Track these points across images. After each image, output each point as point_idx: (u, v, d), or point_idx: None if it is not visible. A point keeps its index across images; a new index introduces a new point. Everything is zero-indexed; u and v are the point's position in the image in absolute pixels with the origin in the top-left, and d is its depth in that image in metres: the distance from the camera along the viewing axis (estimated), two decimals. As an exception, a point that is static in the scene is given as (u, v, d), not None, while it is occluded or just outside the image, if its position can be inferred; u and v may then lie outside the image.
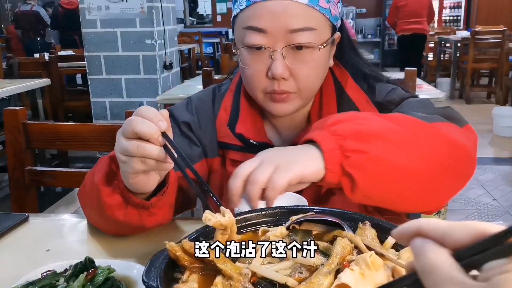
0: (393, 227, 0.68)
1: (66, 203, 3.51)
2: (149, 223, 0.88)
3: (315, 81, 0.98)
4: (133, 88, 3.87)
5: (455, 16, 11.74)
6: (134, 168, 0.76)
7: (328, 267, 0.57)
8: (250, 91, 1.01)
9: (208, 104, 1.12)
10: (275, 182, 0.74)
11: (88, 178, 0.95)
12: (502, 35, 6.57)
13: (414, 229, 0.39)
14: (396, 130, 0.80)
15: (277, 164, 0.75)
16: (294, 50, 0.93)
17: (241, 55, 0.97)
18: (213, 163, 1.09)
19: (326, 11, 0.95)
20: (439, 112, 0.92)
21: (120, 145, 0.76)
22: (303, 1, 0.91)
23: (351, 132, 0.78)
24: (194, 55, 7.21)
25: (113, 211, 0.85)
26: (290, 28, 0.91)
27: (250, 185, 0.75)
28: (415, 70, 1.97)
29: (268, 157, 0.78)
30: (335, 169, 0.77)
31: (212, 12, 12.16)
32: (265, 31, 0.92)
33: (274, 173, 0.74)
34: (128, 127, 0.74)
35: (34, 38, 8.03)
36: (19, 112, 1.42)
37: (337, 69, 1.08)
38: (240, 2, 0.96)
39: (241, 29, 0.95)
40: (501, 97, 6.71)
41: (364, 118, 0.83)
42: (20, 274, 0.76)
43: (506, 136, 4.70)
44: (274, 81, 0.94)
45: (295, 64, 0.93)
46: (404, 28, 7.24)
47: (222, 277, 0.58)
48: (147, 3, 3.69)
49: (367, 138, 0.78)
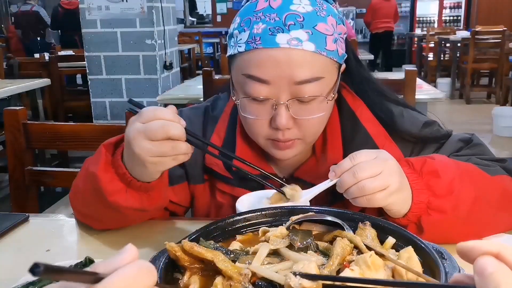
0: (393, 227, 0.68)
1: (66, 203, 3.50)
2: (149, 206, 0.88)
3: (321, 126, 0.94)
4: (133, 88, 3.86)
5: (455, 16, 11.73)
6: (168, 166, 0.81)
7: (328, 268, 0.57)
8: (251, 136, 0.96)
9: (198, 125, 1.06)
10: (374, 201, 0.76)
11: (78, 177, 0.95)
12: (502, 35, 6.57)
13: (495, 251, 0.37)
14: (478, 196, 0.82)
15: (389, 185, 0.76)
16: (300, 101, 0.88)
17: (242, 104, 0.92)
18: (196, 189, 1.05)
19: (334, 54, 0.89)
20: (493, 159, 0.95)
21: (149, 149, 0.77)
22: (309, 48, 0.85)
23: (442, 191, 0.80)
24: (194, 55, 7.21)
25: (115, 197, 0.85)
26: (295, 80, 0.85)
27: (357, 186, 0.75)
28: (415, 70, 2.00)
29: (390, 170, 0.77)
30: (413, 219, 0.81)
31: (212, 12, 12.16)
32: (268, 82, 0.86)
33: (380, 192, 0.75)
34: (160, 132, 0.75)
35: (34, 38, 8.03)
36: (19, 112, 1.42)
37: (348, 96, 1.02)
38: (238, 42, 0.89)
39: (241, 75, 0.90)
40: (501, 97, 6.71)
41: (454, 175, 0.82)
42: (20, 274, 0.76)
43: (506, 136, 4.70)
44: (277, 130, 0.90)
45: (300, 115, 0.88)
46: (378, 26, 9.36)
47: (222, 277, 0.58)
48: (147, 3, 3.68)
49: (452, 199, 0.80)
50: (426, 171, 0.81)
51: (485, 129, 5.09)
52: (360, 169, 0.75)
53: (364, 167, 0.76)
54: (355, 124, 0.98)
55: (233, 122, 1.03)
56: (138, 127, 0.77)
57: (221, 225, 0.73)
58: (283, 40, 0.84)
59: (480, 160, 0.92)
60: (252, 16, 0.88)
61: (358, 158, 0.77)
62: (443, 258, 0.60)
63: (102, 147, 0.88)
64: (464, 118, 5.95)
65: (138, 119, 0.79)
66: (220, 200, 1.03)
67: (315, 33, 0.86)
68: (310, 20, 0.86)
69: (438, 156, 0.86)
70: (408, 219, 0.81)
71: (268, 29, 0.85)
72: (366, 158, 0.77)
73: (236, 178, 0.99)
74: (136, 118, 0.80)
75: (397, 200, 0.78)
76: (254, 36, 0.86)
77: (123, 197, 0.85)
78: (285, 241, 0.66)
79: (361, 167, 0.75)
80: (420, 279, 0.56)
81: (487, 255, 0.37)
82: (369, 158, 0.77)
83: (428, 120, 1.03)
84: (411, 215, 0.80)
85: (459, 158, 0.91)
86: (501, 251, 0.37)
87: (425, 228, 0.80)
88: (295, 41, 0.84)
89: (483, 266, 0.37)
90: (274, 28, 0.85)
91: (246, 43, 0.87)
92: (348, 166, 0.77)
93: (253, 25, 0.87)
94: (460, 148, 0.99)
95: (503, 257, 0.37)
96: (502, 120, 5.09)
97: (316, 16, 0.87)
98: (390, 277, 0.57)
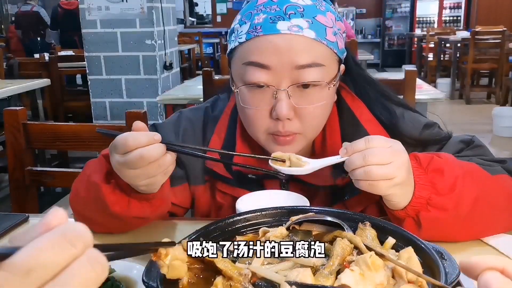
0: (393, 228, 0.68)
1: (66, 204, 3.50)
2: (151, 213, 0.88)
3: (321, 120, 0.93)
4: (133, 89, 3.86)
5: (455, 17, 11.73)
6: (162, 181, 0.81)
7: (329, 269, 0.57)
8: (251, 132, 0.95)
9: (198, 126, 1.05)
10: (376, 188, 0.76)
11: (79, 183, 0.94)
12: (502, 35, 6.56)
13: (500, 267, 0.36)
14: (479, 196, 0.82)
15: (395, 176, 0.75)
16: (300, 89, 0.87)
17: (241, 93, 0.90)
18: (197, 190, 1.05)
19: (334, 45, 0.88)
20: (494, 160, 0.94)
21: (136, 176, 0.76)
22: (310, 35, 0.85)
23: (445, 189, 0.80)
24: (194, 55, 7.21)
25: (118, 207, 0.85)
26: (296, 64, 0.84)
27: (363, 169, 0.75)
28: (415, 71, 2.00)
29: (400, 163, 0.76)
30: (411, 213, 0.81)
31: (212, 13, 12.16)
32: (268, 67, 0.85)
33: (384, 181, 0.75)
34: (140, 163, 0.74)
35: (34, 38, 8.03)
36: (19, 113, 1.42)
37: (348, 96, 1.01)
38: (239, 34, 0.89)
39: (241, 65, 0.88)
40: (501, 98, 6.71)
41: (458, 174, 0.82)
42: (20, 274, 0.76)
43: (506, 137, 4.71)
44: (278, 121, 0.88)
45: (301, 104, 0.87)
46: None
47: (222, 277, 0.58)
48: (147, 3, 3.68)
49: (454, 198, 0.80)
50: (431, 168, 0.81)
51: (485, 129, 5.10)
52: (371, 154, 0.75)
53: (376, 153, 0.75)
54: (354, 125, 0.98)
55: (233, 123, 1.02)
56: (118, 160, 0.77)
57: (221, 225, 0.73)
58: (284, 27, 0.84)
59: (482, 161, 0.92)
60: (253, 10, 0.89)
61: (372, 143, 0.76)
62: (443, 258, 0.60)
63: (102, 157, 0.88)
64: (464, 119, 5.96)
65: (114, 150, 0.77)
66: (220, 201, 1.02)
67: (315, 22, 0.86)
68: (310, 11, 0.87)
69: (445, 155, 0.86)
70: (407, 213, 0.81)
71: (269, 18, 0.86)
72: (380, 145, 0.76)
73: (236, 178, 0.99)
74: (113, 148, 0.78)
75: (398, 193, 0.78)
76: (255, 26, 0.86)
77: (126, 207, 0.85)
78: (285, 242, 0.66)
79: (372, 152, 0.75)
80: (420, 279, 0.56)
81: (492, 270, 0.36)
82: (384, 145, 0.77)
83: (429, 122, 1.03)
84: (410, 209, 0.80)
85: (460, 159, 0.91)
86: (506, 267, 0.36)
87: (423, 224, 0.80)
88: (295, 27, 0.84)
89: (488, 281, 0.36)
90: (274, 17, 0.85)
91: (247, 33, 0.87)
92: (361, 147, 0.76)
93: (254, 17, 0.88)
94: (461, 149, 0.99)
95: (508, 273, 0.36)
96: (502, 120, 5.09)
97: (316, 9, 0.88)
98: (390, 278, 0.57)
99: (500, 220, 0.87)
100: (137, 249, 0.53)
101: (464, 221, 0.82)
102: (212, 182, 1.04)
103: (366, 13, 11.97)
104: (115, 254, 0.40)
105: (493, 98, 7.23)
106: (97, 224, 0.96)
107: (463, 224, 0.82)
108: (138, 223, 0.93)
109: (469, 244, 0.85)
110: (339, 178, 0.92)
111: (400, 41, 11.95)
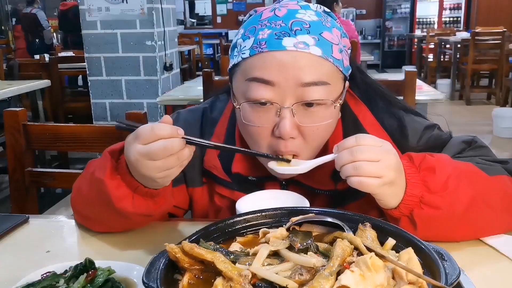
0: (393, 228, 0.68)
1: (66, 205, 3.49)
2: (154, 211, 0.88)
3: (325, 138, 0.92)
4: (133, 89, 3.86)
5: (455, 17, 11.74)
6: (176, 174, 0.80)
7: (329, 270, 0.56)
8: (251, 147, 0.93)
9: (195, 128, 1.04)
10: (366, 185, 0.75)
11: (82, 181, 0.94)
12: (502, 36, 6.57)
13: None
14: (476, 196, 0.82)
15: (383, 176, 0.75)
16: (305, 107, 0.85)
17: (243, 110, 0.88)
18: (195, 192, 1.04)
19: (339, 63, 0.87)
20: (496, 160, 0.94)
21: (155, 168, 0.76)
22: (316, 53, 0.83)
23: (437, 188, 0.80)
24: (194, 56, 7.21)
25: (122, 203, 0.84)
26: (302, 82, 0.82)
27: (354, 165, 0.74)
28: (415, 71, 2.00)
29: (388, 163, 0.76)
30: (405, 211, 0.81)
31: (212, 13, 12.17)
32: (272, 83, 0.83)
33: (374, 178, 0.75)
34: (163, 153, 0.74)
35: (33, 39, 8.06)
36: (19, 113, 1.42)
37: (351, 100, 0.99)
38: (242, 49, 0.87)
39: (244, 81, 0.86)
40: (501, 98, 6.71)
41: (450, 173, 0.81)
42: (20, 275, 0.76)
43: (506, 137, 4.71)
44: (280, 140, 0.86)
45: (305, 123, 0.85)
46: None
47: (222, 278, 0.58)
48: (147, 4, 3.68)
49: (447, 196, 0.80)
50: (424, 167, 0.82)
51: (485, 130, 5.09)
52: (359, 151, 0.75)
53: (364, 150, 0.75)
54: (357, 129, 0.96)
55: (232, 126, 1.01)
56: (139, 150, 0.76)
57: (221, 226, 0.73)
58: (289, 43, 0.83)
59: (483, 161, 0.92)
60: (257, 25, 0.88)
61: (362, 141, 0.76)
62: (443, 259, 0.60)
63: (107, 153, 0.88)
64: (464, 119, 5.95)
65: (136, 140, 0.77)
66: (219, 204, 1.02)
67: (322, 39, 0.85)
68: (317, 28, 0.86)
69: (438, 155, 0.86)
70: (400, 211, 0.81)
71: (274, 33, 0.84)
72: (370, 143, 0.77)
73: (235, 181, 0.98)
74: (133, 139, 0.77)
75: (387, 192, 0.78)
76: (259, 41, 0.85)
77: (130, 203, 0.85)
78: (285, 242, 0.66)
79: (361, 149, 0.75)
80: (420, 280, 0.56)
81: None
82: (374, 144, 0.77)
83: (429, 124, 1.02)
84: (403, 207, 0.80)
85: (462, 159, 0.91)
86: None
87: (417, 222, 0.80)
88: (302, 44, 0.83)
89: None
90: (280, 33, 0.84)
91: (251, 49, 0.85)
92: (351, 145, 0.76)
93: (258, 32, 0.86)
94: (462, 149, 0.99)
95: None
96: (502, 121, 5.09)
97: (322, 25, 0.87)
98: (390, 279, 0.57)
99: (498, 221, 0.87)
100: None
101: (461, 221, 0.82)
102: (211, 185, 1.03)
103: (366, 14, 11.97)
104: None
105: (493, 99, 7.23)
106: (99, 223, 0.96)
107: (459, 223, 0.82)
108: (141, 220, 0.93)
109: (468, 244, 0.85)
110: (340, 183, 0.92)
111: (400, 42, 11.96)
